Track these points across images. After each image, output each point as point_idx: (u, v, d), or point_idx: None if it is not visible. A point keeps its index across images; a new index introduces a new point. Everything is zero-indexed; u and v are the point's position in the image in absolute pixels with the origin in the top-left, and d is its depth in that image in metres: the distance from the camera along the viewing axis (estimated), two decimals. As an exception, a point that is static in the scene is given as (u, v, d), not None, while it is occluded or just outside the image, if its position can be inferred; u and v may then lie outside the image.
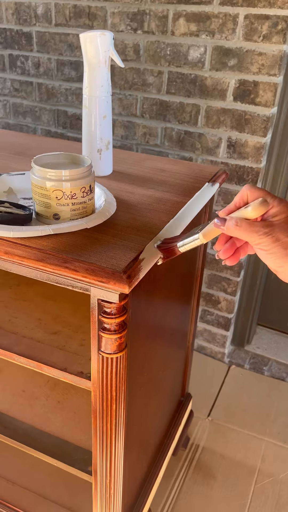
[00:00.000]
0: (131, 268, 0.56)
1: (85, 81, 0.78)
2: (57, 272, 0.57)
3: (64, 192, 0.62)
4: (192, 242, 0.57)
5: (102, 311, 0.61)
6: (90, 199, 0.65)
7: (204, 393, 1.50)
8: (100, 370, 0.65)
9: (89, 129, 0.81)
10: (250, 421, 1.41)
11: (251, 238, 0.49)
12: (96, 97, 0.78)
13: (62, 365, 0.71)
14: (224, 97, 1.27)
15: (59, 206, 0.63)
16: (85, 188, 0.63)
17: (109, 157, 0.85)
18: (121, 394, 0.68)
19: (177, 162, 0.97)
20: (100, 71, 0.77)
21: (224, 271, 1.47)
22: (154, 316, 0.79)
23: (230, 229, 0.50)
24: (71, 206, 0.63)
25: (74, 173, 0.61)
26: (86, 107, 0.80)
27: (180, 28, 1.25)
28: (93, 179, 0.65)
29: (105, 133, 0.82)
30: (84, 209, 0.65)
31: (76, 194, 0.62)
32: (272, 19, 1.15)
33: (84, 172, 0.62)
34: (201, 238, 0.55)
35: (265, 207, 0.49)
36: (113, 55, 0.76)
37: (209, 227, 0.54)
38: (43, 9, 1.42)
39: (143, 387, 0.82)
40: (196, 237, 0.56)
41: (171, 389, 1.11)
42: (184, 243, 0.58)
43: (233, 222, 0.49)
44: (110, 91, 0.79)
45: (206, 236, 0.55)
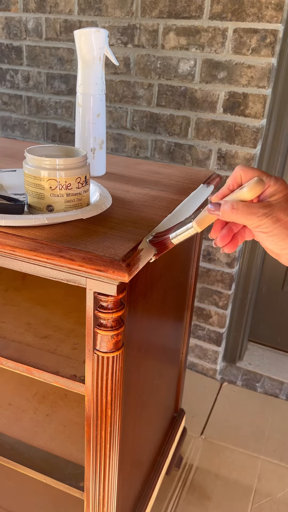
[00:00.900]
0: (131, 257, 0.53)
1: (79, 78, 0.78)
2: (51, 262, 0.54)
3: (59, 182, 0.59)
4: (186, 232, 0.54)
5: (98, 305, 0.57)
6: (85, 191, 0.63)
7: (196, 411, 1.45)
8: (95, 371, 0.61)
9: (82, 128, 0.80)
10: (244, 439, 1.36)
11: (250, 221, 0.46)
12: (90, 95, 0.77)
13: (54, 368, 0.67)
14: (214, 109, 1.28)
15: (53, 197, 0.60)
16: (80, 178, 0.61)
17: (103, 157, 0.83)
18: (117, 398, 0.64)
19: (171, 166, 0.96)
20: (95, 69, 0.76)
21: (215, 284, 1.45)
22: (147, 328, 0.75)
23: (226, 213, 0.47)
24: (66, 197, 0.60)
25: (69, 162, 0.59)
26: (79, 105, 0.79)
27: (170, 42, 1.27)
28: (89, 170, 0.63)
29: (99, 132, 0.80)
30: (79, 201, 0.62)
31: (71, 185, 0.60)
32: (260, 33, 1.17)
33: (80, 161, 0.60)
34: (195, 226, 0.52)
35: (261, 186, 0.46)
36: (107, 52, 0.75)
37: (203, 214, 0.51)
38: (34, 23, 1.43)
39: (138, 396, 0.78)
40: (190, 225, 0.53)
41: (165, 402, 1.07)
42: (177, 234, 0.55)
43: (229, 206, 0.46)
44: (104, 89, 0.78)
45: (200, 223, 0.51)
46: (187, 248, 0.93)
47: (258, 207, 0.46)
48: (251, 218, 0.46)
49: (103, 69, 0.77)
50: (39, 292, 0.85)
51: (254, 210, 0.46)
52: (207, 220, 0.51)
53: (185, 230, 0.54)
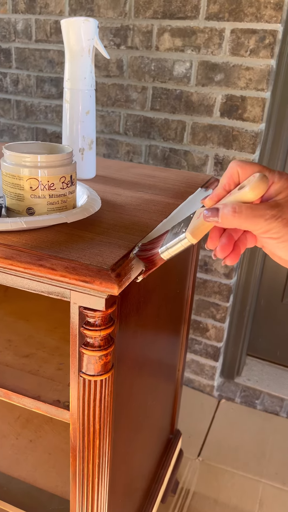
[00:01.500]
0: (121, 266, 0.46)
1: (66, 72, 0.71)
2: (29, 271, 0.47)
3: (40, 181, 0.52)
4: (178, 245, 0.45)
5: (84, 322, 0.50)
6: (71, 192, 0.56)
7: (193, 430, 1.37)
8: (81, 396, 0.54)
9: (70, 126, 0.73)
10: (244, 460, 1.28)
11: (257, 226, 0.39)
12: (79, 90, 0.71)
13: (35, 392, 0.59)
14: (211, 113, 1.23)
15: (34, 198, 0.53)
16: (65, 178, 0.54)
17: (93, 158, 0.76)
18: (106, 427, 0.57)
19: (166, 170, 0.90)
20: (83, 62, 0.70)
21: (213, 296, 1.38)
22: (141, 343, 0.68)
23: (227, 219, 0.39)
24: (48, 199, 0.54)
25: (52, 159, 0.52)
26: (67, 101, 0.72)
27: (165, 43, 1.22)
28: (75, 169, 0.56)
29: (88, 131, 0.74)
30: (64, 203, 0.55)
31: (54, 185, 0.53)
32: (259, 34, 1.12)
33: (64, 159, 0.54)
34: (189, 237, 0.43)
35: (265, 184, 0.38)
36: (97, 44, 0.69)
37: (197, 221, 0.43)
38: (23, 25, 1.38)
39: (130, 420, 0.70)
40: (183, 237, 0.44)
41: (160, 425, 0.99)
42: (167, 247, 0.46)
43: (230, 209, 0.39)
44: (94, 84, 0.72)
45: (195, 233, 0.43)
46: (183, 257, 0.86)
47: (264, 208, 0.39)
48: (257, 222, 0.38)
49: (93, 62, 0.71)
50: (22, 304, 0.78)
51: (261, 212, 0.38)
52: (202, 228, 0.43)
53: (177, 242, 0.45)
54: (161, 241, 0.48)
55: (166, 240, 0.47)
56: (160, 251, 0.47)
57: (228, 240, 0.43)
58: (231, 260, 0.44)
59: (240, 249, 0.45)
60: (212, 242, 0.44)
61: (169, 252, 0.46)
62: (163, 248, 0.46)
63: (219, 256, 0.43)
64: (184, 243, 0.44)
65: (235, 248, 0.44)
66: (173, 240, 0.45)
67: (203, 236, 0.44)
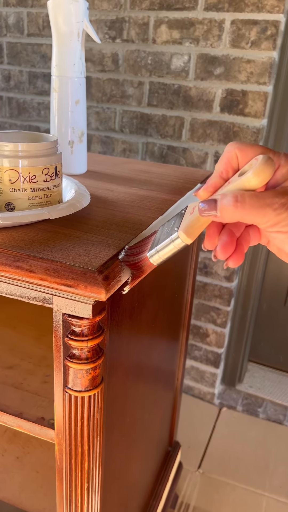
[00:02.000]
0: (110, 268, 0.41)
1: (54, 59, 0.66)
2: (5, 274, 0.41)
3: (20, 173, 0.47)
4: (170, 246, 0.38)
5: (69, 331, 0.44)
6: (55, 185, 0.50)
7: (193, 441, 1.31)
8: (66, 414, 0.48)
9: (59, 117, 0.67)
10: (246, 472, 1.22)
11: (264, 217, 0.33)
12: (67, 78, 0.65)
13: (17, 408, 0.54)
14: (210, 108, 1.17)
15: (13, 192, 0.48)
16: (49, 170, 0.48)
17: (83, 152, 0.71)
18: (96, 447, 0.51)
19: (163, 165, 0.84)
20: (72, 46, 0.64)
21: (213, 300, 1.32)
22: (135, 353, 0.62)
23: (227, 211, 0.33)
24: (30, 193, 0.48)
25: (34, 148, 0.47)
26: (55, 90, 0.67)
27: (162, 35, 1.17)
28: (60, 160, 0.50)
29: (78, 122, 0.68)
30: (48, 198, 0.50)
31: (36, 177, 0.48)
32: (260, 24, 1.07)
33: (48, 148, 0.48)
34: (183, 237, 0.36)
35: (271, 167, 0.32)
36: (87, 27, 0.64)
37: (191, 218, 0.36)
38: (15, 18, 1.32)
39: (125, 436, 0.64)
40: (175, 236, 0.37)
41: (157, 437, 0.93)
42: (157, 250, 0.39)
43: (230, 200, 0.33)
44: (84, 71, 0.67)
45: (190, 232, 0.36)
46: (182, 259, 0.80)
47: (272, 196, 0.32)
48: (265, 213, 0.32)
49: (83, 47, 0.65)
50: (8, 310, 0.72)
51: (268, 200, 0.32)
52: (198, 225, 0.36)
53: (168, 243, 0.38)
54: (149, 243, 0.41)
55: (155, 241, 0.40)
56: (149, 255, 0.40)
57: (229, 238, 0.37)
58: (235, 261, 0.37)
59: (244, 247, 0.39)
60: (210, 241, 0.38)
61: (160, 255, 0.39)
62: (152, 251, 0.39)
63: (220, 257, 0.37)
64: (177, 244, 0.37)
65: (237, 247, 0.38)
66: (164, 241, 0.38)
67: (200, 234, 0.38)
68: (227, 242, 0.37)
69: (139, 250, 0.42)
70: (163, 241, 0.38)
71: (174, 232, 0.37)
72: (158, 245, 0.39)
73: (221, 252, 0.37)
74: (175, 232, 0.37)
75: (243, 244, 0.38)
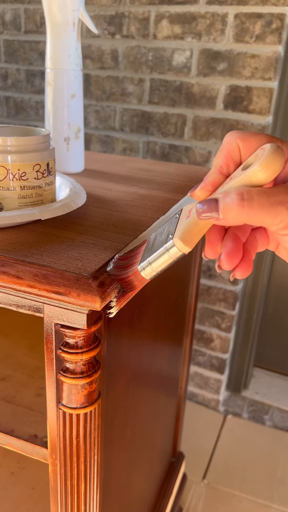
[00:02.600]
0: (106, 273, 0.36)
1: (48, 50, 0.62)
2: (-10, 281, 0.37)
3: (9, 170, 0.43)
4: (165, 257, 0.33)
5: (62, 342, 0.40)
6: (47, 183, 0.46)
7: (197, 449, 1.26)
8: (60, 433, 0.44)
9: (54, 112, 0.64)
10: (253, 483, 1.18)
11: (276, 218, 0.27)
12: (63, 70, 0.61)
13: (8, 425, 0.49)
14: (214, 105, 1.13)
15: (1, 191, 0.44)
16: (40, 166, 0.44)
17: (80, 149, 0.67)
18: (94, 467, 0.47)
19: (165, 164, 0.80)
20: (67, 37, 0.60)
21: (217, 304, 1.28)
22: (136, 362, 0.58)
23: (232, 212, 0.28)
24: (20, 191, 0.44)
25: (24, 142, 0.43)
26: (49, 84, 0.63)
27: (163, 30, 1.13)
28: (53, 156, 0.46)
29: (75, 117, 0.64)
30: (39, 197, 0.46)
31: (27, 174, 0.44)
32: (265, 18, 1.03)
33: (39, 142, 0.44)
34: (180, 245, 0.31)
35: (281, 157, 0.27)
36: (83, 16, 0.60)
37: (187, 223, 0.31)
38: (12, 15, 1.29)
39: (125, 452, 0.60)
40: (170, 245, 0.32)
41: (160, 449, 0.89)
42: (149, 262, 0.34)
43: (235, 198, 0.27)
44: (80, 64, 0.63)
45: (187, 238, 0.31)
46: (184, 262, 0.76)
47: (285, 191, 0.27)
48: (277, 212, 0.27)
49: (79, 38, 0.62)
50: (1, 317, 0.68)
51: (280, 197, 0.27)
52: (196, 230, 0.31)
53: (162, 252, 0.32)
54: (140, 253, 0.36)
55: (147, 251, 0.35)
56: (140, 267, 0.34)
57: (234, 244, 0.31)
58: (243, 271, 0.32)
59: (251, 254, 0.33)
60: (211, 249, 0.33)
61: (153, 267, 0.33)
62: (144, 263, 0.34)
63: (226, 267, 0.32)
64: (173, 253, 0.32)
65: (244, 254, 0.32)
66: (157, 251, 0.33)
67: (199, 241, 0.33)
68: (232, 249, 0.31)
69: (129, 262, 0.36)
70: (156, 251, 0.33)
71: (168, 240, 0.32)
72: (150, 255, 0.33)
73: (226, 261, 0.31)
74: (170, 239, 0.32)
75: (250, 251, 0.33)
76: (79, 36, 0.61)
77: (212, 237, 0.32)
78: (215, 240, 0.32)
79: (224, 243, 0.32)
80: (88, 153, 0.83)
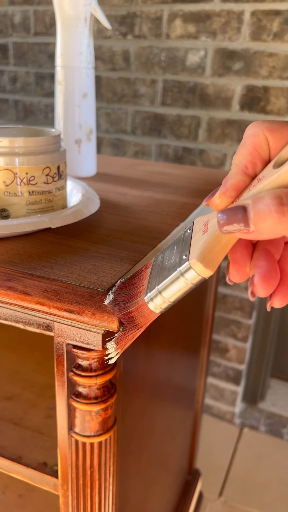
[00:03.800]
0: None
1: (58, 48, 0.58)
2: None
3: (17, 174, 0.39)
4: (179, 282, 0.26)
5: (74, 365, 0.36)
6: (58, 188, 0.42)
7: (212, 464, 1.21)
8: (73, 462, 0.40)
9: (64, 112, 0.60)
10: (272, 501, 1.12)
11: None
12: (74, 68, 0.58)
13: (15, 451, 0.45)
14: (229, 106, 1.09)
15: (8, 197, 0.40)
16: (50, 169, 0.40)
17: (92, 151, 0.63)
18: (108, 498, 0.42)
19: (180, 167, 0.76)
20: (79, 33, 0.57)
21: (233, 312, 1.23)
22: (153, 382, 0.54)
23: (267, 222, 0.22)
24: (28, 197, 0.40)
25: (32, 143, 0.39)
26: (60, 82, 0.59)
27: (176, 30, 1.09)
28: (64, 158, 0.42)
29: (86, 118, 0.60)
30: (49, 203, 0.42)
31: (36, 178, 0.40)
32: (283, 15, 0.99)
33: (49, 144, 0.40)
34: (199, 267, 0.25)
35: None
36: (96, 11, 0.56)
37: (205, 239, 0.25)
38: (21, 17, 1.26)
39: (142, 477, 0.56)
40: (185, 267, 0.25)
41: (176, 467, 0.84)
42: (159, 291, 0.27)
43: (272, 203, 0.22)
44: (93, 61, 0.59)
45: (208, 258, 0.25)
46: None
47: None
48: None
49: (91, 34, 0.58)
50: (7, 330, 0.64)
51: None
52: (218, 248, 0.25)
53: (175, 278, 0.26)
54: (144, 279, 0.29)
55: (153, 277, 0.28)
56: (148, 298, 0.27)
57: (270, 263, 0.25)
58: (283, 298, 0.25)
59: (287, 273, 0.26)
60: (239, 270, 0.26)
61: (165, 297, 0.26)
62: (152, 293, 0.27)
63: (261, 294, 0.25)
64: (190, 278, 0.25)
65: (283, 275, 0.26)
66: (168, 277, 0.26)
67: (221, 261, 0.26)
68: (268, 270, 0.24)
69: (131, 292, 0.29)
70: (167, 276, 0.26)
71: (183, 262, 0.25)
72: (160, 283, 0.26)
73: (262, 286, 0.24)
74: (185, 261, 0.25)
75: (286, 270, 0.26)
76: (91, 32, 0.58)
77: (238, 255, 0.26)
78: (242, 259, 0.26)
79: (256, 262, 0.25)
80: (99, 157, 0.79)
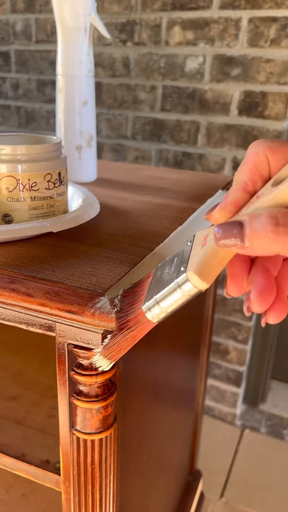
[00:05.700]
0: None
1: (59, 57, 0.60)
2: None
3: (19, 180, 0.41)
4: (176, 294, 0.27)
5: (75, 364, 0.38)
6: (59, 194, 0.44)
7: (214, 466, 1.22)
8: (74, 459, 0.41)
9: (65, 120, 0.62)
10: (274, 502, 1.13)
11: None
12: (74, 77, 0.60)
13: (18, 449, 0.47)
14: (228, 111, 1.11)
15: (11, 202, 0.41)
16: (52, 176, 0.42)
17: (92, 158, 0.65)
18: (110, 495, 0.44)
19: (179, 172, 0.78)
20: (79, 42, 0.58)
21: (234, 315, 1.24)
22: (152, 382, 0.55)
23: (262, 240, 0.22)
24: (30, 202, 0.42)
25: (34, 150, 0.40)
26: (60, 91, 0.61)
27: (175, 37, 1.11)
28: (65, 164, 0.44)
29: (87, 125, 0.62)
30: (51, 209, 0.43)
31: (37, 184, 0.41)
32: (280, 21, 1.00)
33: (51, 151, 0.42)
34: (195, 280, 0.26)
35: None
36: (95, 21, 0.58)
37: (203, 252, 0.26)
38: (23, 25, 1.28)
39: (142, 477, 0.57)
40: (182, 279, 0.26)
41: (177, 468, 0.85)
42: (157, 301, 0.28)
43: (267, 222, 0.22)
44: (92, 70, 0.61)
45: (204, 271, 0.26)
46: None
47: None
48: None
49: (91, 43, 0.60)
50: (11, 332, 0.66)
51: None
52: (215, 262, 0.26)
53: (173, 289, 0.27)
54: (143, 289, 0.30)
55: (152, 287, 0.29)
56: (146, 307, 0.28)
57: (266, 279, 0.26)
58: (278, 315, 0.26)
59: (285, 291, 0.27)
60: (236, 284, 0.27)
61: (162, 308, 0.27)
62: (150, 303, 0.28)
63: (257, 310, 0.25)
64: (187, 290, 0.26)
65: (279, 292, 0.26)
66: (166, 288, 0.27)
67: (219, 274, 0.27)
68: (264, 286, 0.25)
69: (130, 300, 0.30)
70: (165, 287, 0.27)
71: (181, 274, 0.26)
72: (158, 293, 0.28)
73: (258, 302, 0.25)
74: (182, 273, 0.26)
75: (283, 287, 0.27)
76: (91, 42, 0.59)
77: (236, 270, 0.27)
78: (240, 274, 0.27)
79: (253, 278, 0.26)
80: (100, 162, 0.81)
